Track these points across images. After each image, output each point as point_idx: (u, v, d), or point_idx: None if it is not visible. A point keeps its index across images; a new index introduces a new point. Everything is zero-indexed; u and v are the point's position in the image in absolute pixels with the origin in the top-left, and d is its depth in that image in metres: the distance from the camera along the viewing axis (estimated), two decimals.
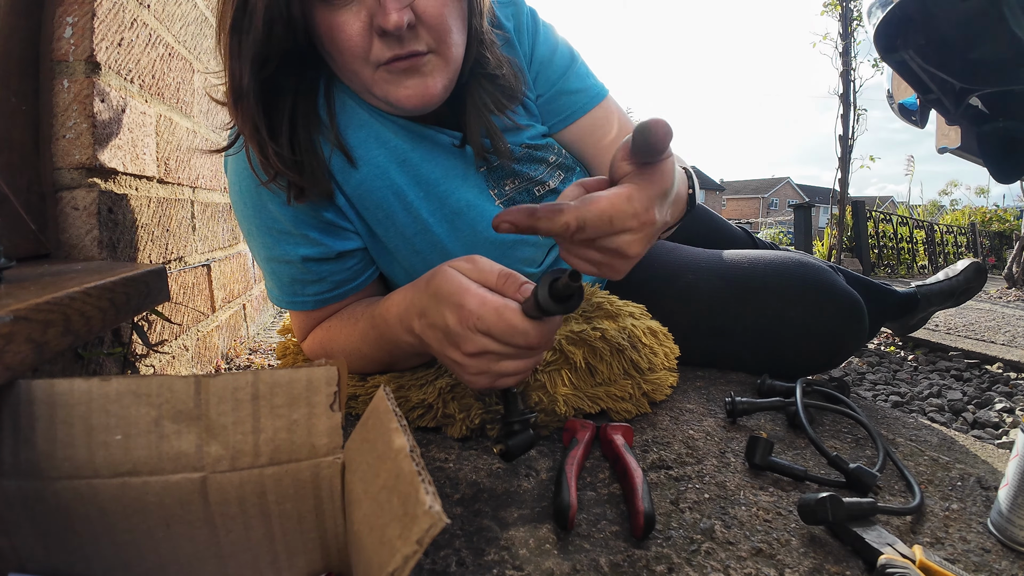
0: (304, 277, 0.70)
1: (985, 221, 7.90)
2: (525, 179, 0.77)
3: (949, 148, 2.04)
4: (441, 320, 0.50)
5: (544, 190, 0.79)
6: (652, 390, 0.75)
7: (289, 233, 0.68)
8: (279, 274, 0.71)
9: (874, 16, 1.52)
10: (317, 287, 0.71)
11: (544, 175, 0.79)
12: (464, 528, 0.48)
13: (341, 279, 0.71)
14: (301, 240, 0.68)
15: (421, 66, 0.60)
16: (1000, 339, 1.71)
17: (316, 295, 0.71)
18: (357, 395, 0.71)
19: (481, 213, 0.73)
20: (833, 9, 4.42)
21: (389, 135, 0.69)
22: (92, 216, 0.64)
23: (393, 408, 0.34)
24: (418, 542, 0.25)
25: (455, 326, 0.49)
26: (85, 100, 0.63)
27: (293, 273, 0.70)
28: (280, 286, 0.72)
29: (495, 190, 0.75)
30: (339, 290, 0.72)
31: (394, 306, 0.60)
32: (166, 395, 0.35)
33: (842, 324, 0.85)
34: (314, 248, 0.68)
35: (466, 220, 0.72)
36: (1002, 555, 0.47)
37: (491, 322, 0.47)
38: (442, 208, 0.72)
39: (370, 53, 0.58)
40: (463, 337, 0.49)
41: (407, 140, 0.70)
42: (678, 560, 0.45)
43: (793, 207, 5.22)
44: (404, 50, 0.58)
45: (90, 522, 0.34)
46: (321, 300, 0.71)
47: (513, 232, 0.43)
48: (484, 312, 0.47)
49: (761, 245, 1.24)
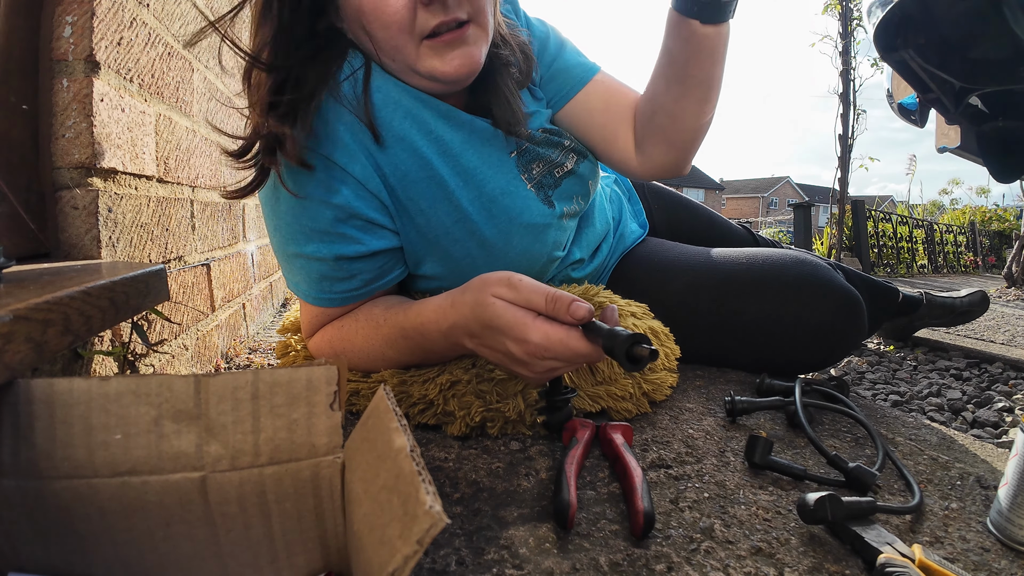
0: (335, 274, 0.69)
1: (985, 220, 7.90)
2: (547, 162, 0.79)
3: (949, 147, 2.03)
4: (503, 347, 0.55)
5: (563, 172, 0.80)
6: (652, 390, 0.75)
7: (326, 232, 0.67)
8: (308, 270, 0.70)
9: (874, 15, 1.52)
10: (347, 284, 0.70)
11: (561, 158, 0.80)
12: (464, 527, 0.48)
13: (371, 277, 0.71)
14: (337, 239, 0.67)
15: (465, 36, 0.62)
16: (1000, 338, 1.71)
17: (344, 292, 0.71)
18: (359, 391, 0.71)
19: (515, 199, 0.74)
20: (833, 8, 4.41)
21: (430, 123, 0.69)
22: (91, 215, 0.64)
23: (393, 407, 0.34)
24: (418, 542, 0.25)
25: (522, 355, 0.54)
26: (84, 99, 0.63)
27: (323, 270, 0.69)
28: (309, 282, 0.71)
29: (525, 174, 0.76)
30: (367, 288, 0.71)
31: (431, 324, 0.62)
32: (166, 394, 0.35)
33: (840, 320, 0.85)
34: (351, 246, 0.68)
35: (501, 207, 0.73)
36: (1001, 554, 0.47)
37: (559, 352, 0.52)
38: (480, 196, 0.72)
39: (415, 24, 0.59)
40: (530, 363, 0.54)
41: (447, 128, 0.70)
42: (677, 559, 0.45)
43: (793, 206, 5.21)
44: (449, 16, 0.59)
45: (90, 522, 0.34)
46: (350, 297, 0.71)
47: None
48: (550, 345, 0.52)
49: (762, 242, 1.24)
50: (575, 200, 0.81)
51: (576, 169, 0.82)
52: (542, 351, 0.52)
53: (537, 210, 0.75)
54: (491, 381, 0.66)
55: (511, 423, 0.66)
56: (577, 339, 0.51)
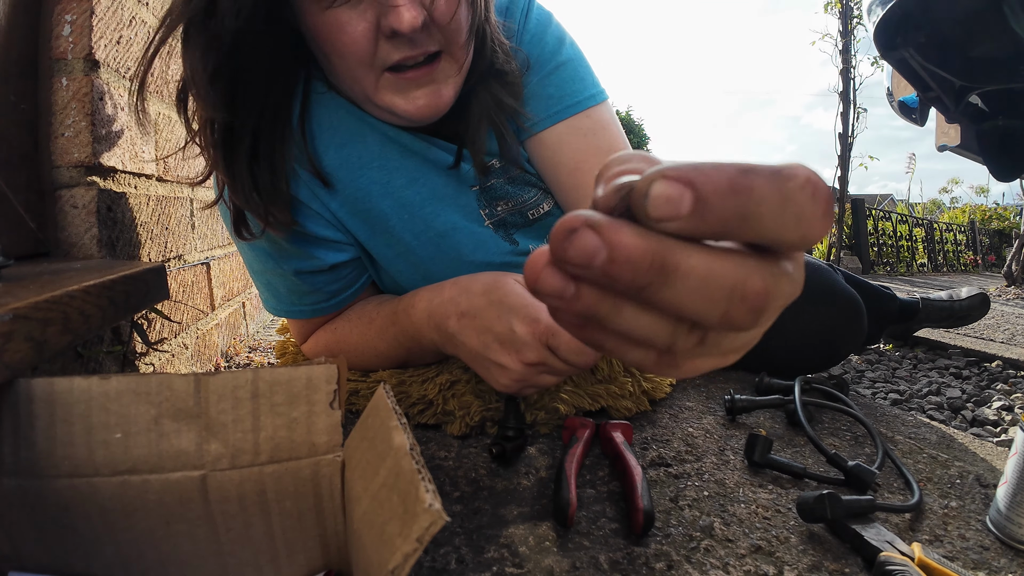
0: (299, 288, 0.69)
1: (985, 219, 7.90)
2: (519, 201, 0.71)
3: (949, 146, 2.03)
4: (504, 327, 0.51)
5: (539, 212, 0.73)
6: (652, 388, 0.75)
7: (281, 248, 0.66)
8: (274, 286, 0.71)
9: (874, 14, 1.52)
10: (313, 297, 0.70)
11: (537, 198, 0.72)
12: (464, 526, 0.48)
13: (336, 288, 0.71)
14: (295, 254, 0.66)
15: (435, 74, 0.55)
16: (999, 337, 1.71)
17: (312, 304, 0.71)
18: (358, 390, 0.71)
19: (467, 235, 0.69)
20: (834, 7, 4.41)
21: (374, 155, 0.64)
22: (91, 214, 0.64)
23: (393, 406, 0.34)
24: (418, 540, 0.25)
25: (524, 335, 0.50)
26: (84, 98, 0.62)
27: (288, 285, 0.69)
28: (276, 296, 0.72)
29: (486, 210, 0.70)
30: (335, 299, 0.71)
31: (421, 302, 0.60)
32: (166, 393, 0.35)
33: (841, 324, 0.85)
34: (308, 262, 0.67)
35: (451, 243, 0.68)
36: (1001, 553, 0.47)
37: (565, 338, 0.48)
38: (427, 230, 0.68)
39: (375, 56, 0.52)
40: (528, 346, 0.50)
41: (394, 155, 0.65)
42: (677, 557, 0.45)
43: None
44: (416, 51, 0.52)
45: (90, 520, 0.34)
46: (318, 310, 0.71)
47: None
48: (560, 330, 0.49)
49: None
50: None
51: (555, 212, 0.74)
52: (550, 334, 0.49)
53: (495, 248, 0.70)
54: None
55: None
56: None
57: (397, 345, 0.67)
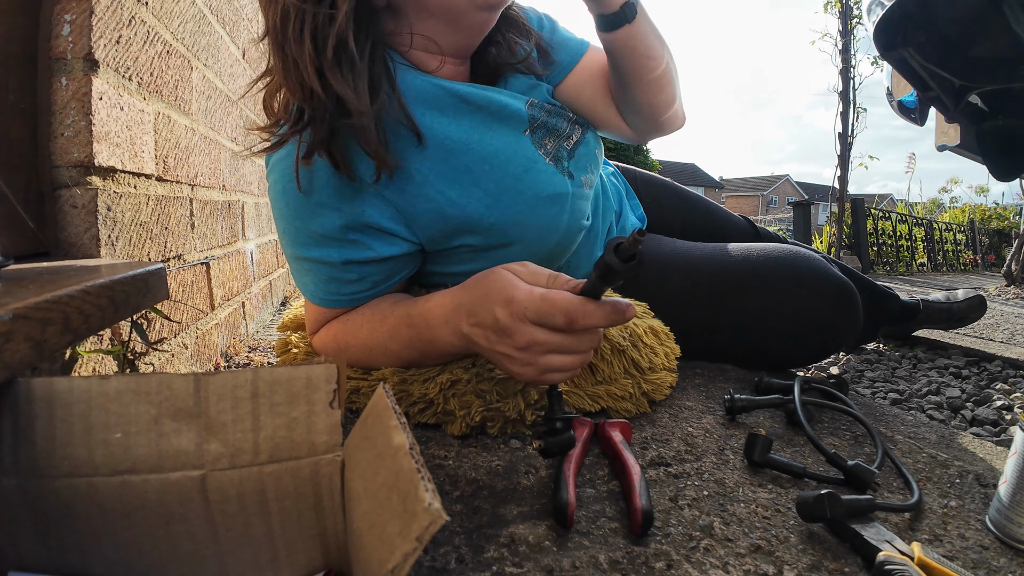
0: (343, 276, 0.69)
1: (984, 219, 7.90)
2: (557, 134, 0.79)
3: (948, 146, 2.03)
4: (490, 317, 0.53)
5: (572, 143, 0.80)
6: (652, 390, 0.75)
7: (335, 239, 0.66)
8: (316, 272, 0.70)
9: (874, 14, 1.52)
10: (356, 286, 0.70)
11: (569, 129, 0.81)
12: (464, 525, 0.48)
13: (380, 279, 0.71)
14: (348, 244, 0.67)
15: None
16: (999, 337, 1.71)
17: (353, 294, 0.70)
18: (359, 388, 0.71)
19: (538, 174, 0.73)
20: (833, 6, 4.41)
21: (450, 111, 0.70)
22: (91, 214, 0.64)
23: (393, 405, 0.34)
24: (418, 539, 0.25)
25: (505, 319, 0.52)
26: (83, 98, 0.62)
27: (332, 272, 0.69)
28: (316, 283, 0.71)
29: (541, 150, 0.76)
30: (375, 289, 0.71)
31: (438, 307, 0.62)
32: (165, 393, 0.35)
33: (834, 310, 0.87)
34: (361, 252, 0.67)
35: (527, 183, 0.72)
36: (1000, 552, 0.48)
37: (536, 307, 0.50)
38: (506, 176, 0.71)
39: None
40: (513, 329, 0.52)
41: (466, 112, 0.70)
42: (677, 557, 0.45)
43: (792, 205, 5.22)
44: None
45: (90, 520, 0.34)
46: (357, 299, 0.71)
47: None
48: (531, 301, 0.51)
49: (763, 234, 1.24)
50: (589, 169, 0.82)
51: (584, 138, 0.82)
52: (522, 309, 0.50)
53: (560, 182, 0.75)
54: (491, 380, 0.66)
55: (511, 422, 0.66)
56: (556, 293, 0.51)
57: (411, 347, 0.67)
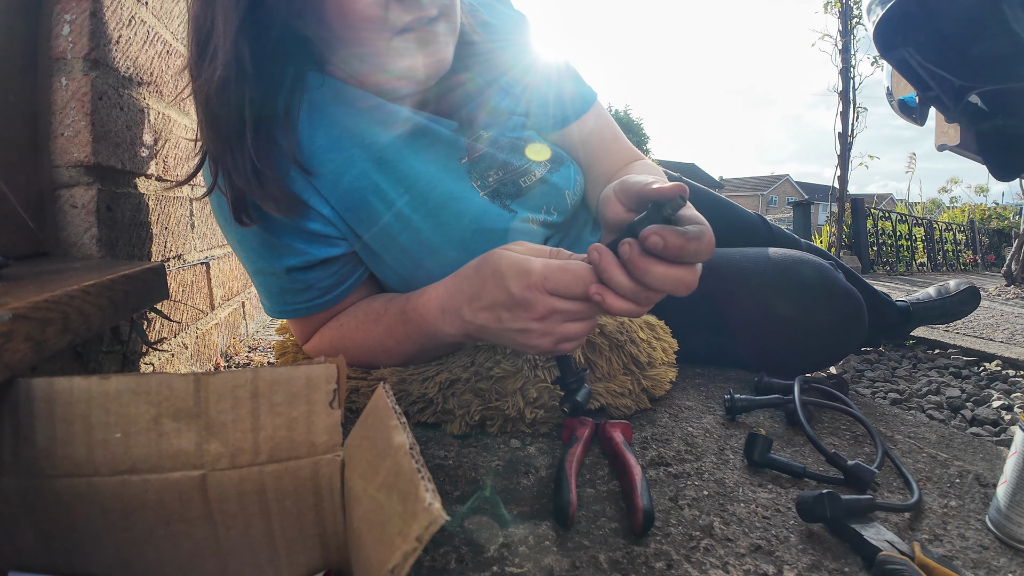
0: (291, 286, 0.69)
1: (984, 219, 7.90)
2: (509, 169, 0.75)
3: (948, 145, 2.03)
4: (502, 294, 0.53)
5: (531, 180, 0.75)
6: (652, 386, 0.75)
7: (272, 245, 0.66)
8: (268, 285, 0.71)
9: (874, 13, 1.52)
10: (306, 295, 0.70)
11: (529, 164, 0.76)
12: (464, 525, 0.48)
13: (328, 284, 0.70)
14: (285, 250, 0.66)
15: (437, 34, 0.61)
16: (999, 336, 1.71)
17: (307, 302, 0.70)
18: (359, 388, 0.71)
19: (466, 204, 0.70)
20: (833, 6, 4.41)
21: (364, 132, 0.66)
22: (90, 214, 0.64)
23: (392, 405, 0.34)
24: (418, 539, 0.25)
25: (521, 291, 0.51)
26: (83, 98, 0.62)
27: (281, 283, 0.69)
28: (270, 296, 0.72)
29: (477, 182, 0.73)
30: (329, 295, 0.71)
31: (433, 299, 0.61)
32: (165, 393, 0.35)
33: (842, 322, 0.85)
34: (297, 258, 0.67)
35: (451, 213, 0.70)
36: (1000, 552, 0.48)
37: (558, 277, 0.50)
38: (425, 203, 0.69)
39: (386, 21, 0.57)
40: (532, 300, 0.51)
41: (384, 135, 0.67)
42: (677, 557, 0.45)
43: (792, 204, 5.22)
44: (423, 12, 0.58)
45: (90, 520, 0.34)
46: (312, 307, 0.71)
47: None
48: (549, 272, 0.50)
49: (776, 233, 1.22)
50: (545, 211, 0.76)
51: (548, 178, 0.76)
52: (542, 280, 0.50)
53: (496, 215, 0.72)
54: (490, 379, 0.66)
55: (511, 421, 0.66)
56: (576, 264, 0.51)
57: (409, 342, 0.67)
